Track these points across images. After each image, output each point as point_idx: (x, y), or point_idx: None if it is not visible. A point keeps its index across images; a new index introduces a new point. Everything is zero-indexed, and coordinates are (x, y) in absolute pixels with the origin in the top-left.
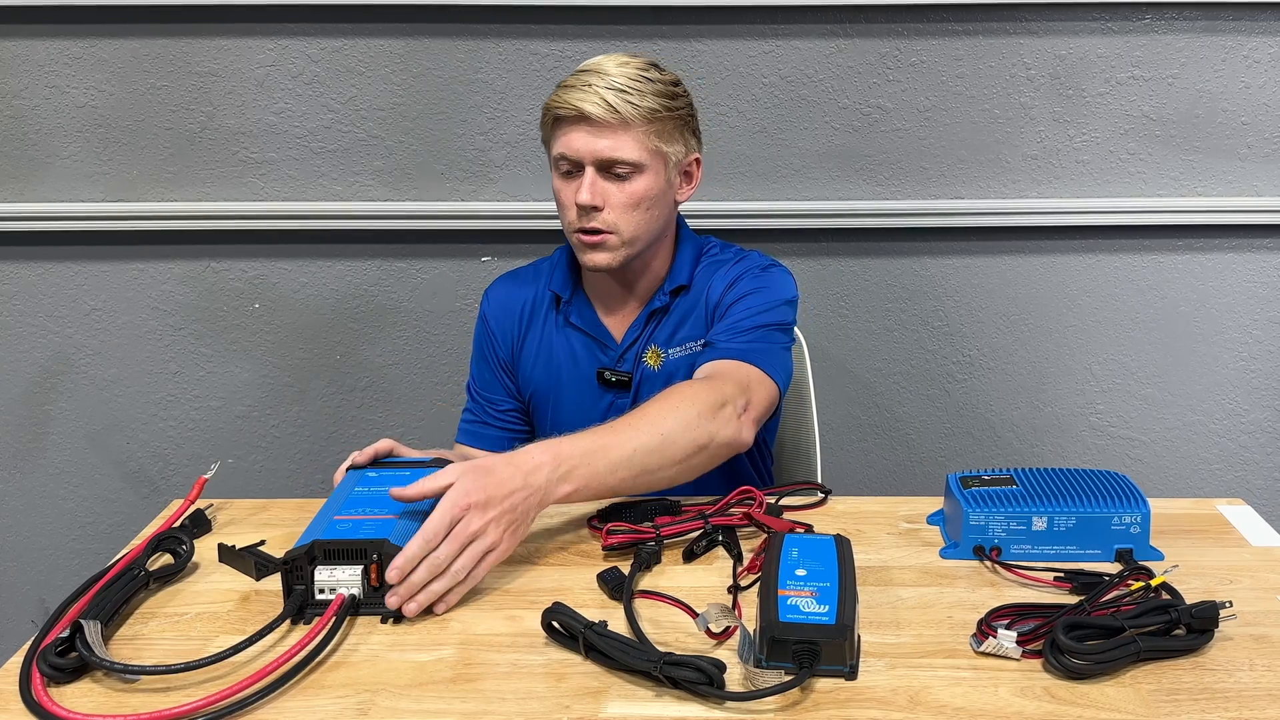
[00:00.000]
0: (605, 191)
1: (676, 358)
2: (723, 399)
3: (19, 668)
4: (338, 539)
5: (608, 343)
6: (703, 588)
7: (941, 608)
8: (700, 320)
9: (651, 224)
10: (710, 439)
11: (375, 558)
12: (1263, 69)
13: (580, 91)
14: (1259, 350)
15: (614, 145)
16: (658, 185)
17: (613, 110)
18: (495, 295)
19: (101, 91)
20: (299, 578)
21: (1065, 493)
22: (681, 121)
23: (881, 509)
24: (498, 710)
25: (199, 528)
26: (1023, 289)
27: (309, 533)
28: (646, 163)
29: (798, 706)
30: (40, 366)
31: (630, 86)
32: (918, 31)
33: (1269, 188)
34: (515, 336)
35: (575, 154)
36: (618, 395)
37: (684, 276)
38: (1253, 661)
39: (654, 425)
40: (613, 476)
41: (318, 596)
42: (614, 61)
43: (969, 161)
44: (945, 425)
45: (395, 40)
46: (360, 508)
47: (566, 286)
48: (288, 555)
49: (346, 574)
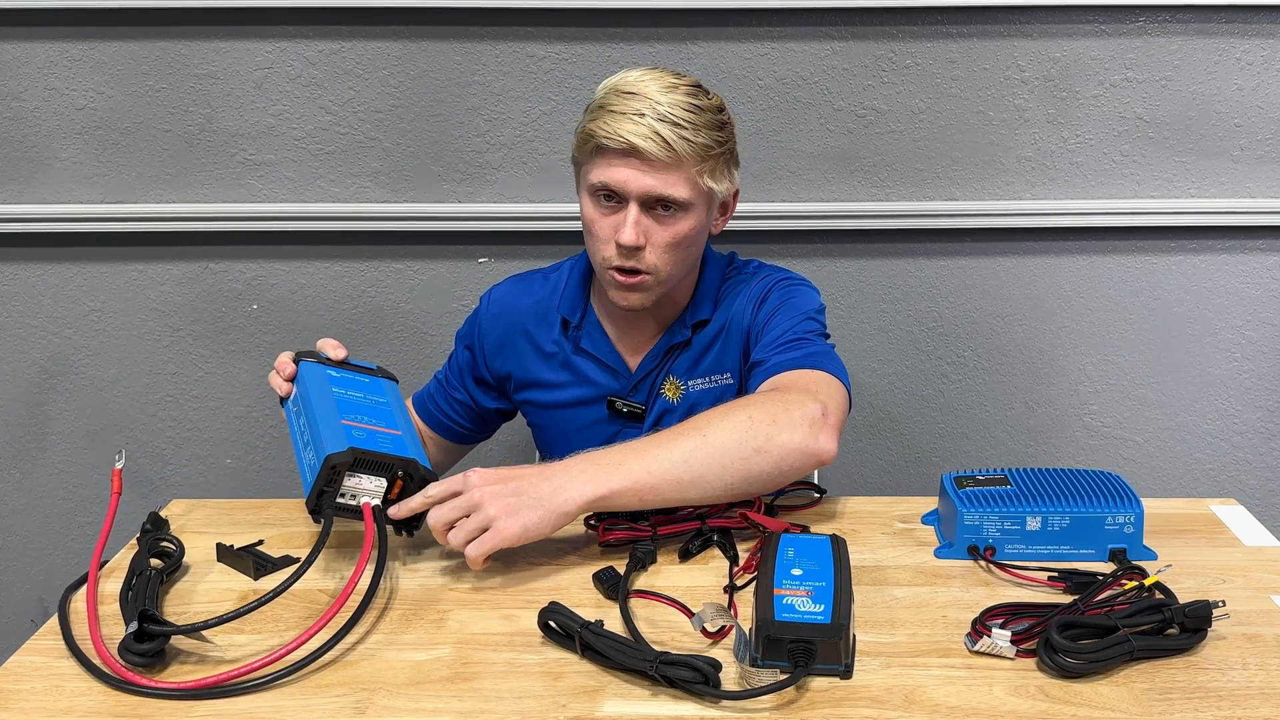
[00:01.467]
0: (649, 230)
1: (699, 389)
2: (785, 404)
3: (51, 667)
4: (375, 450)
5: (621, 370)
6: (698, 587)
7: (936, 607)
8: (726, 350)
9: (689, 261)
10: (767, 441)
11: (400, 474)
12: (1255, 71)
13: (630, 122)
14: (1252, 351)
15: (665, 183)
16: (701, 223)
17: (668, 147)
18: (497, 304)
19: (100, 94)
20: (332, 480)
21: (1059, 493)
22: (730, 155)
23: (876, 509)
24: (494, 709)
25: (158, 528)
26: (1017, 290)
27: (331, 434)
28: (694, 202)
29: (793, 705)
30: (39, 367)
31: (685, 120)
32: (912, 34)
33: (1262, 189)
34: (510, 353)
35: (621, 187)
36: (627, 425)
37: (706, 310)
38: (1245, 661)
39: (696, 427)
40: (650, 476)
41: (338, 500)
42: (659, 85)
43: (963, 163)
44: (940, 425)
45: (392, 43)
46: (359, 415)
47: (577, 310)
48: (334, 460)
49: (372, 484)
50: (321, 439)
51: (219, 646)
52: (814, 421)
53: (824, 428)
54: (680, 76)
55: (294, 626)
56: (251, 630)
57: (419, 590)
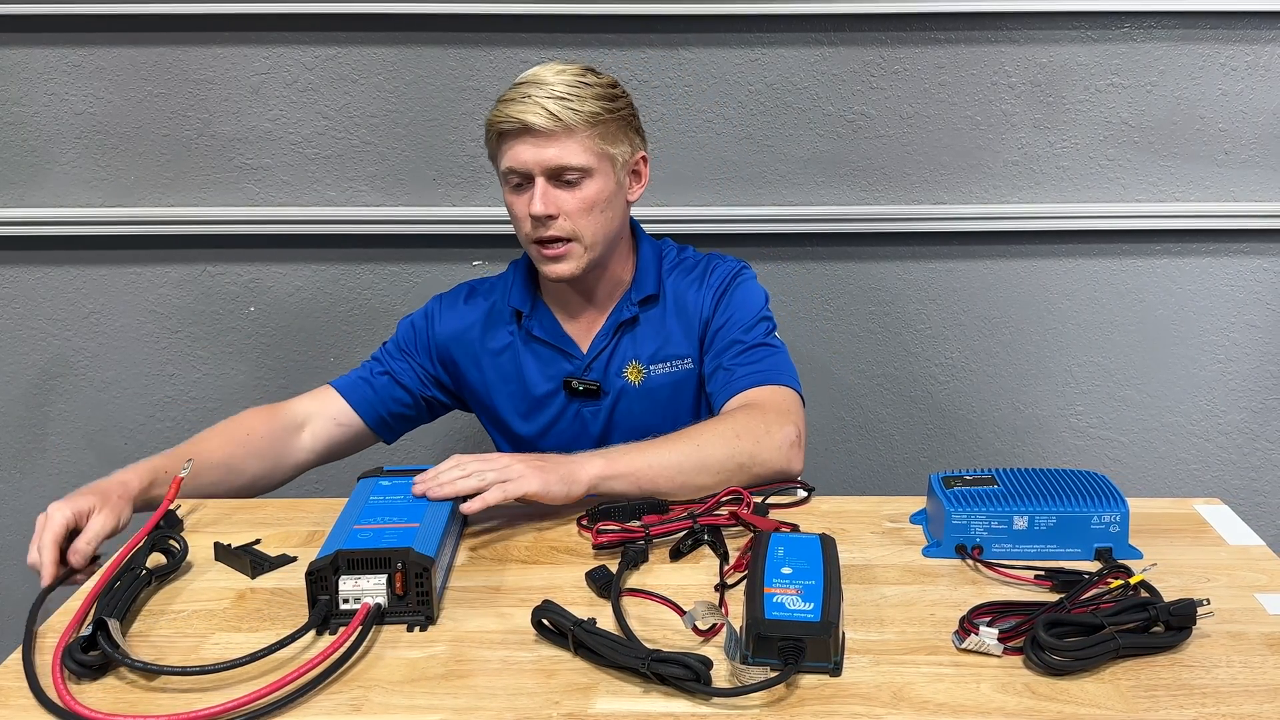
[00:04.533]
0: (558, 199)
1: (660, 374)
2: (766, 426)
3: (43, 666)
4: (361, 548)
5: (573, 352)
6: (690, 586)
7: (924, 605)
8: (685, 336)
9: (608, 226)
10: (750, 459)
11: (400, 566)
12: (1239, 76)
13: (521, 104)
14: (1236, 352)
15: (560, 153)
16: (609, 187)
17: (555, 118)
18: (448, 312)
19: (100, 99)
20: (323, 588)
21: (1046, 493)
22: (624, 121)
23: (865, 508)
24: (489, 706)
25: (172, 527)
26: (1004, 292)
27: (330, 543)
28: (594, 166)
29: (783, 702)
30: (39, 368)
31: (570, 93)
32: (901, 40)
33: (1245, 193)
34: (459, 352)
35: (523, 166)
36: (584, 403)
37: (651, 285)
38: (1229, 658)
39: (689, 437)
40: (650, 470)
41: (342, 606)
42: (550, 70)
43: (951, 167)
44: (928, 426)
45: (387, 49)
46: (379, 516)
47: (526, 300)
48: (312, 566)
49: (371, 583)
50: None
51: (154, 682)
52: (791, 445)
53: (797, 449)
54: (571, 63)
55: (288, 624)
56: (249, 629)
57: None
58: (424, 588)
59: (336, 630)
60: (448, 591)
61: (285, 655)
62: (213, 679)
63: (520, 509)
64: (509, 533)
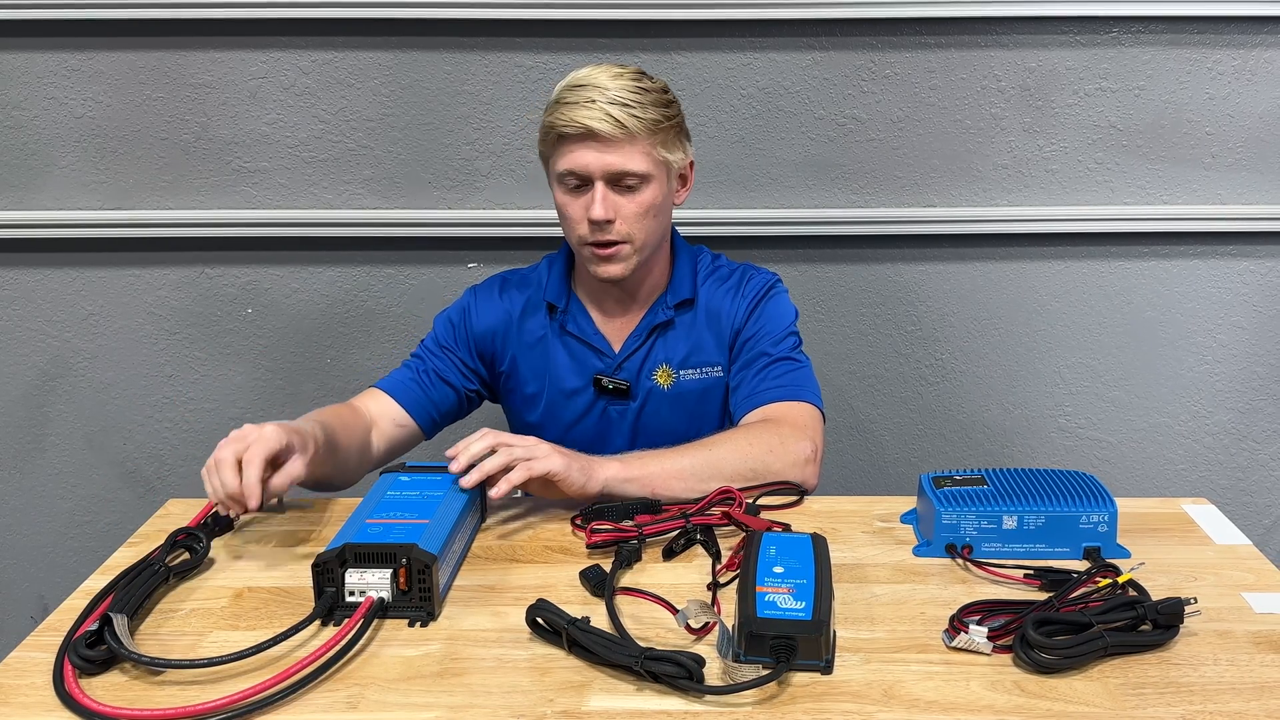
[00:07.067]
0: (616, 204)
1: (690, 379)
2: (782, 439)
3: (51, 662)
4: (367, 542)
5: (605, 350)
6: (683, 585)
7: (914, 604)
8: (716, 344)
9: (658, 230)
10: (764, 468)
11: (404, 561)
12: (1226, 80)
13: (586, 109)
14: (1223, 354)
15: (623, 159)
16: (663, 192)
17: (619, 125)
18: (484, 304)
19: (99, 103)
20: (329, 580)
21: (1035, 492)
22: (679, 129)
23: (856, 508)
24: (483, 704)
25: (219, 527)
26: (993, 294)
27: (341, 535)
28: (653, 172)
29: (775, 700)
30: (39, 370)
31: (632, 99)
32: (891, 45)
33: (1232, 196)
34: (498, 344)
35: (585, 170)
36: (612, 402)
37: (687, 290)
38: (1216, 656)
39: (705, 445)
40: (664, 474)
41: (348, 599)
42: (607, 75)
43: (941, 170)
44: (918, 427)
45: (384, 53)
46: (392, 511)
47: (561, 295)
48: (319, 558)
49: (376, 577)
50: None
51: (161, 676)
52: (806, 460)
53: (812, 465)
54: (625, 67)
55: (285, 622)
56: (246, 627)
57: None
58: (426, 584)
59: (341, 621)
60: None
61: (285, 650)
62: (213, 673)
63: (537, 501)
64: (505, 531)
